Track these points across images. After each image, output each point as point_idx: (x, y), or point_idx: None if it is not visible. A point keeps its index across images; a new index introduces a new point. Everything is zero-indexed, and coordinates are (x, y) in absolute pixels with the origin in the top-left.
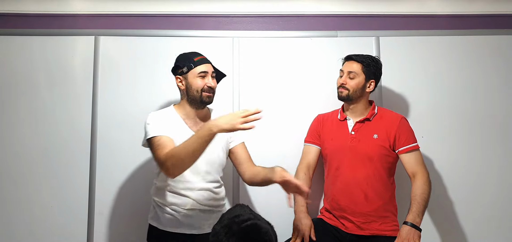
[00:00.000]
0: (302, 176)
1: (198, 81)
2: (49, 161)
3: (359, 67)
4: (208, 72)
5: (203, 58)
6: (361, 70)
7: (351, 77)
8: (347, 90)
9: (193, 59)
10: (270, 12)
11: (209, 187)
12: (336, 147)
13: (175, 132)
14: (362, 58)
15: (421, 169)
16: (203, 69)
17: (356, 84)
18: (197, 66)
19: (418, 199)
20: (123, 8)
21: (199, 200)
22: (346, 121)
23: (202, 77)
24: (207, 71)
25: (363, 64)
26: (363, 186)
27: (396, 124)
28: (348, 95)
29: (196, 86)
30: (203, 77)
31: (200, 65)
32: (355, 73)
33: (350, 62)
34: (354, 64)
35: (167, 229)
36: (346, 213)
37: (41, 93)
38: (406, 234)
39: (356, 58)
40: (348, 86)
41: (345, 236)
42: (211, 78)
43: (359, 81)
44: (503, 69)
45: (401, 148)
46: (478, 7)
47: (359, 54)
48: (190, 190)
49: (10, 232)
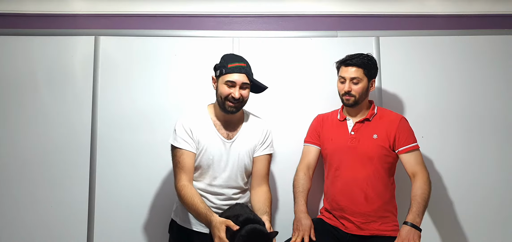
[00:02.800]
0: (302, 176)
1: (224, 89)
2: (49, 161)
3: (361, 72)
4: (237, 84)
5: (238, 66)
6: (363, 74)
7: (355, 83)
8: (353, 97)
9: (228, 65)
10: (270, 12)
11: (229, 193)
12: (336, 147)
13: (201, 133)
14: (361, 62)
15: (421, 169)
16: (231, 79)
17: (361, 89)
18: (228, 74)
19: (418, 199)
20: (123, 8)
21: (218, 204)
22: (346, 121)
23: (229, 86)
24: (235, 81)
25: (364, 69)
26: (363, 186)
27: (396, 124)
28: (355, 101)
29: (221, 92)
30: (230, 86)
31: (230, 74)
32: (358, 78)
33: (350, 67)
34: (355, 69)
35: (186, 225)
36: (346, 213)
37: (41, 93)
38: (406, 234)
39: (356, 63)
40: (353, 93)
41: (345, 236)
42: (240, 90)
43: (363, 86)
44: (503, 69)
45: (401, 148)
46: (478, 7)
47: (355, 56)
48: (210, 194)
49: (10, 232)
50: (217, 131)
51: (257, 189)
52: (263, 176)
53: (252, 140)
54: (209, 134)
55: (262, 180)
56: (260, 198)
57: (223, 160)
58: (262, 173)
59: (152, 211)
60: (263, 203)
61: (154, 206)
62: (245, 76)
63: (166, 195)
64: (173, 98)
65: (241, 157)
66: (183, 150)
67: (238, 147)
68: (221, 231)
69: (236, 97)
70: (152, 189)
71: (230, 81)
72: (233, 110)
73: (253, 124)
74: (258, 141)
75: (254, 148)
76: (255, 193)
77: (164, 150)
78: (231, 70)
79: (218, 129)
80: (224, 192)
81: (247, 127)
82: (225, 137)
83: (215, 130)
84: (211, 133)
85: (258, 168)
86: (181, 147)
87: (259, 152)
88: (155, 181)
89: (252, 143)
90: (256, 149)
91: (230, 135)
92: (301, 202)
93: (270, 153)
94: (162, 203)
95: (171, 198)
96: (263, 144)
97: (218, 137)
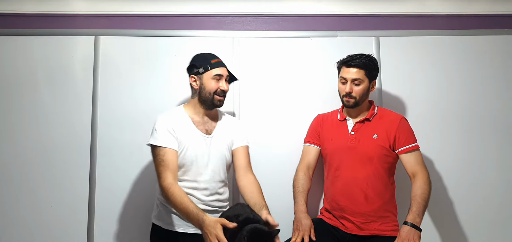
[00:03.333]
0: (301, 176)
1: (212, 84)
2: (49, 161)
3: (363, 73)
4: (223, 76)
5: (219, 61)
6: (365, 75)
7: (357, 84)
8: (354, 99)
9: (210, 61)
10: (270, 12)
11: (214, 187)
12: (336, 147)
13: (182, 131)
14: (362, 63)
15: (421, 169)
16: (219, 72)
17: (362, 90)
18: (214, 69)
19: (418, 199)
20: (123, 8)
21: (204, 200)
22: (346, 121)
23: (216, 80)
24: (222, 74)
25: (365, 70)
26: (363, 186)
27: (396, 124)
28: (355, 102)
29: (210, 88)
30: (218, 80)
31: (216, 68)
32: (360, 80)
33: (351, 68)
34: (356, 70)
35: (171, 228)
36: (346, 213)
37: (41, 93)
38: (406, 234)
39: (357, 64)
40: (354, 94)
41: (345, 236)
42: (225, 82)
43: (364, 87)
44: (503, 69)
45: (401, 148)
46: (478, 7)
47: (357, 56)
48: (195, 190)
49: (10, 232)
50: (196, 128)
51: (244, 180)
52: (246, 165)
53: (229, 134)
54: (189, 131)
55: (246, 169)
56: (253, 189)
57: (206, 155)
58: (244, 162)
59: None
60: (257, 196)
61: None
62: (226, 69)
63: None
64: (173, 98)
65: (221, 151)
66: (166, 148)
67: (218, 141)
68: (218, 230)
69: (225, 90)
70: (152, 188)
71: (218, 75)
72: (221, 104)
73: (228, 119)
74: (235, 134)
75: (232, 142)
76: (244, 184)
77: None
78: (216, 65)
79: (197, 126)
80: (209, 186)
81: (223, 122)
82: (205, 133)
83: (194, 127)
84: (191, 130)
85: (239, 158)
86: (164, 146)
87: (237, 144)
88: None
89: (229, 137)
90: (233, 142)
91: (209, 130)
92: (301, 202)
93: (247, 144)
94: None
95: None
96: (239, 136)
97: (199, 134)
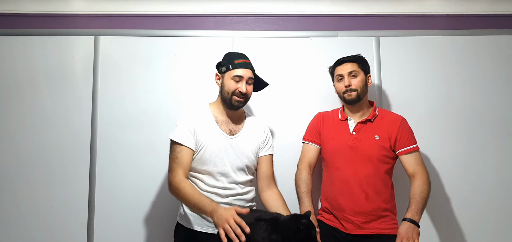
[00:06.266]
0: (305, 175)
1: (231, 84)
2: (49, 161)
3: (357, 66)
4: (244, 78)
5: (244, 62)
6: (359, 68)
7: (354, 76)
8: (355, 91)
9: (234, 60)
10: (270, 12)
11: (236, 189)
12: (337, 147)
13: (203, 130)
14: (354, 58)
15: (421, 169)
16: (239, 74)
17: (361, 82)
18: (235, 69)
19: (417, 198)
20: (123, 8)
21: (226, 201)
22: (347, 121)
23: (236, 81)
24: (242, 76)
25: (358, 63)
26: (364, 185)
27: (397, 125)
28: (358, 95)
29: (228, 88)
30: (237, 81)
31: (238, 69)
32: (355, 71)
33: (345, 64)
34: (350, 64)
35: (193, 227)
36: (346, 213)
37: (41, 93)
38: (406, 230)
39: (349, 59)
40: (354, 86)
41: (344, 237)
42: (246, 85)
43: (362, 79)
44: (503, 69)
45: (402, 149)
46: (478, 7)
47: (346, 56)
48: (217, 188)
49: (10, 232)
50: (219, 127)
51: (268, 192)
52: (270, 176)
53: (255, 138)
54: (212, 130)
55: (270, 181)
56: (279, 203)
57: (226, 155)
58: (268, 173)
59: (152, 211)
60: (282, 209)
61: (154, 206)
62: (250, 72)
63: (167, 195)
64: (173, 98)
65: (245, 152)
66: (183, 146)
67: (241, 143)
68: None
69: (243, 92)
70: (152, 189)
71: (238, 76)
72: (240, 105)
73: (255, 122)
74: (261, 140)
75: (258, 147)
76: (267, 196)
77: (164, 149)
78: (238, 65)
79: (220, 125)
80: (232, 187)
81: (249, 124)
82: (228, 133)
83: (217, 126)
84: (213, 129)
85: (264, 168)
86: (181, 143)
87: (263, 152)
88: (155, 181)
89: (255, 142)
90: (260, 148)
91: (233, 131)
92: (307, 203)
93: (272, 153)
94: (162, 202)
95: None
96: (266, 144)
97: (221, 133)
